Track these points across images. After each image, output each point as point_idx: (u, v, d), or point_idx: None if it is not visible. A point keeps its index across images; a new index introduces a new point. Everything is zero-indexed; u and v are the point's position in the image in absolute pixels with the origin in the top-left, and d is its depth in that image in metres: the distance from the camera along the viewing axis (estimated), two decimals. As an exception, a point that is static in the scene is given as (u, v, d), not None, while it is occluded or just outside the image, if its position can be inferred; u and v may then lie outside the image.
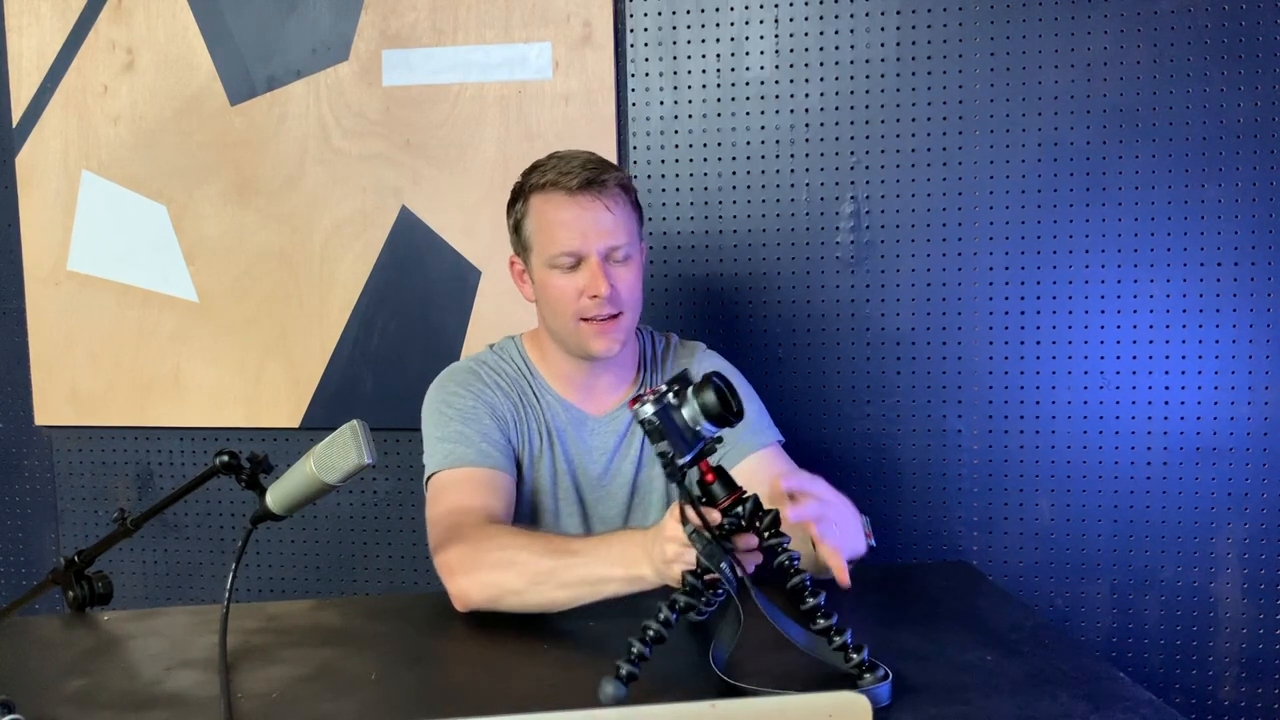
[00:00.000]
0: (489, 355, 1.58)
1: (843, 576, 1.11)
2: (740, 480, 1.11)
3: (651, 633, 1.05)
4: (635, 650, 1.03)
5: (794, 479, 1.18)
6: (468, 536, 1.33)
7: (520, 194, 1.50)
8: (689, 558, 1.11)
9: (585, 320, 1.45)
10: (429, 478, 1.48)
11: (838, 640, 1.04)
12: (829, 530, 1.14)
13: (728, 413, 1.06)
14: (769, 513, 1.08)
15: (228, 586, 1.25)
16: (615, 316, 1.45)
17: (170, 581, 2.26)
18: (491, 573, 1.28)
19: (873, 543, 1.26)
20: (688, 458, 1.07)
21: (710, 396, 1.06)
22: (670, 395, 1.07)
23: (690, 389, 1.07)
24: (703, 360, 1.61)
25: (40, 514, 2.29)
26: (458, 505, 1.40)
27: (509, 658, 1.21)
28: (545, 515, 1.54)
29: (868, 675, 1.03)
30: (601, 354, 1.47)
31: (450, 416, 1.48)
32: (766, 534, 1.08)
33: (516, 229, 1.51)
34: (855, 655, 1.03)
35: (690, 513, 1.07)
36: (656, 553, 1.15)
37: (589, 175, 1.44)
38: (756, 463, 1.49)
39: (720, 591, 1.14)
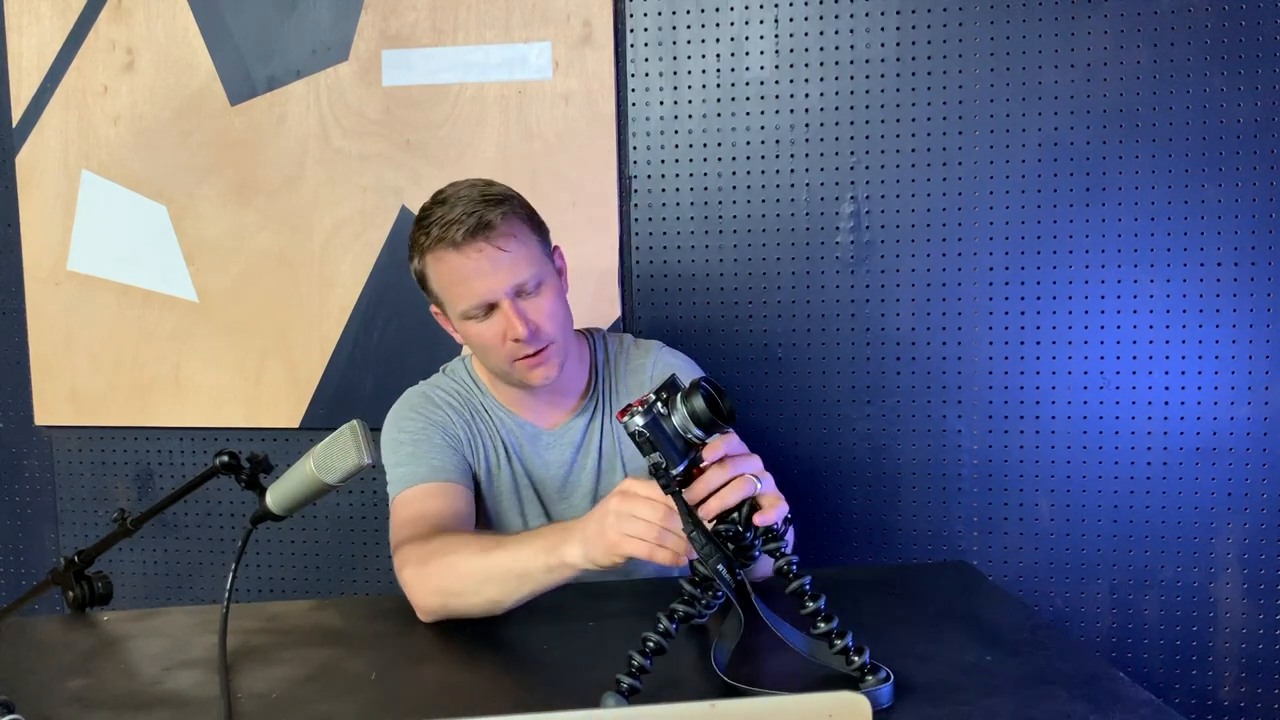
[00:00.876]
0: (440, 378, 1.59)
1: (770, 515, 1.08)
2: None
3: (651, 644, 1.05)
4: (636, 663, 1.03)
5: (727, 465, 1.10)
6: (415, 547, 1.32)
7: (414, 250, 1.46)
8: (636, 528, 1.08)
9: (517, 360, 1.43)
10: (391, 504, 1.48)
11: (839, 644, 1.04)
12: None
13: (718, 417, 1.05)
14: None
15: (228, 586, 1.25)
16: (544, 349, 1.43)
17: (170, 581, 2.26)
18: (433, 578, 1.27)
19: (789, 515, 1.19)
20: (681, 467, 1.06)
21: (699, 402, 1.04)
22: (659, 404, 1.06)
23: (679, 395, 1.06)
24: (659, 358, 1.59)
25: (40, 514, 2.29)
26: (412, 516, 1.40)
27: (509, 658, 1.21)
28: (514, 529, 1.54)
29: (869, 678, 1.02)
30: (540, 384, 1.46)
31: (401, 441, 1.49)
32: (762, 538, 1.08)
33: (422, 284, 1.49)
34: (857, 658, 1.03)
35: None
36: (592, 524, 1.12)
37: (471, 223, 1.37)
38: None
39: (719, 594, 1.14)
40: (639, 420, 1.05)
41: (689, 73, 2.00)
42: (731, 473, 1.07)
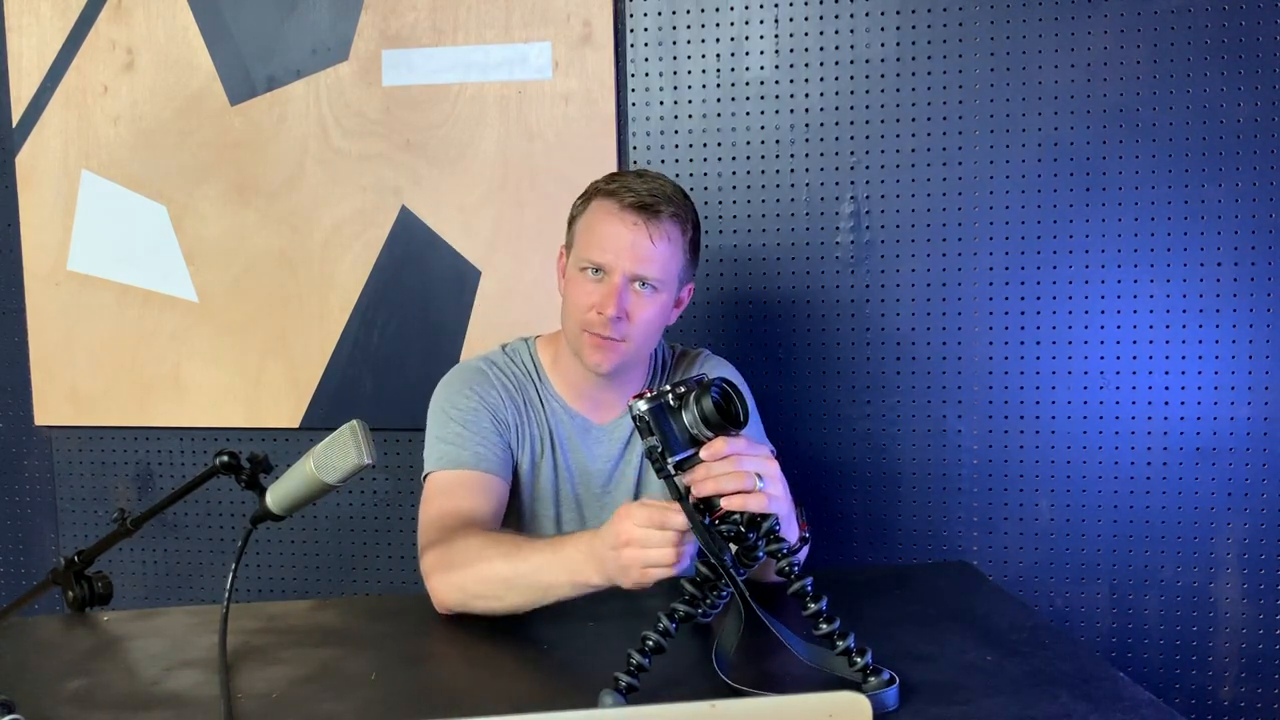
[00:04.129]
0: (499, 356, 1.58)
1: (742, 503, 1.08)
2: None
3: (651, 643, 1.05)
4: (634, 661, 1.03)
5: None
6: (446, 540, 1.33)
7: (590, 193, 1.51)
8: (651, 557, 1.09)
9: (586, 331, 1.44)
10: (425, 476, 1.48)
11: (841, 645, 1.04)
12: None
13: (727, 421, 1.06)
14: (766, 518, 1.08)
15: (228, 586, 1.25)
16: (616, 342, 1.44)
17: (170, 581, 2.26)
18: (457, 575, 1.28)
19: (806, 534, 1.23)
20: (677, 457, 1.07)
21: (709, 404, 1.06)
22: (670, 397, 1.07)
23: (694, 394, 1.07)
24: (704, 365, 1.60)
25: (40, 514, 2.29)
26: (446, 509, 1.41)
27: (509, 658, 1.21)
28: (546, 522, 1.54)
29: (872, 679, 1.02)
30: (591, 366, 1.46)
31: (451, 417, 1.49)
32: (765, 540, 1.08)
33: (571, 222, 1.52)
34: (859, 659, 1.03)
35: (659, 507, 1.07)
36: (610, 560, 1.13)
37: (646, 200, 1.43)
38: None
39: (722, 595, 1.14)
40: (643, 405, 1.06)
41: (689, 73, 2.00)
42: (735, 467, 1.07)
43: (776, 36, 1.97)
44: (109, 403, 2.22)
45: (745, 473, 1.07)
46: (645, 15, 2.00)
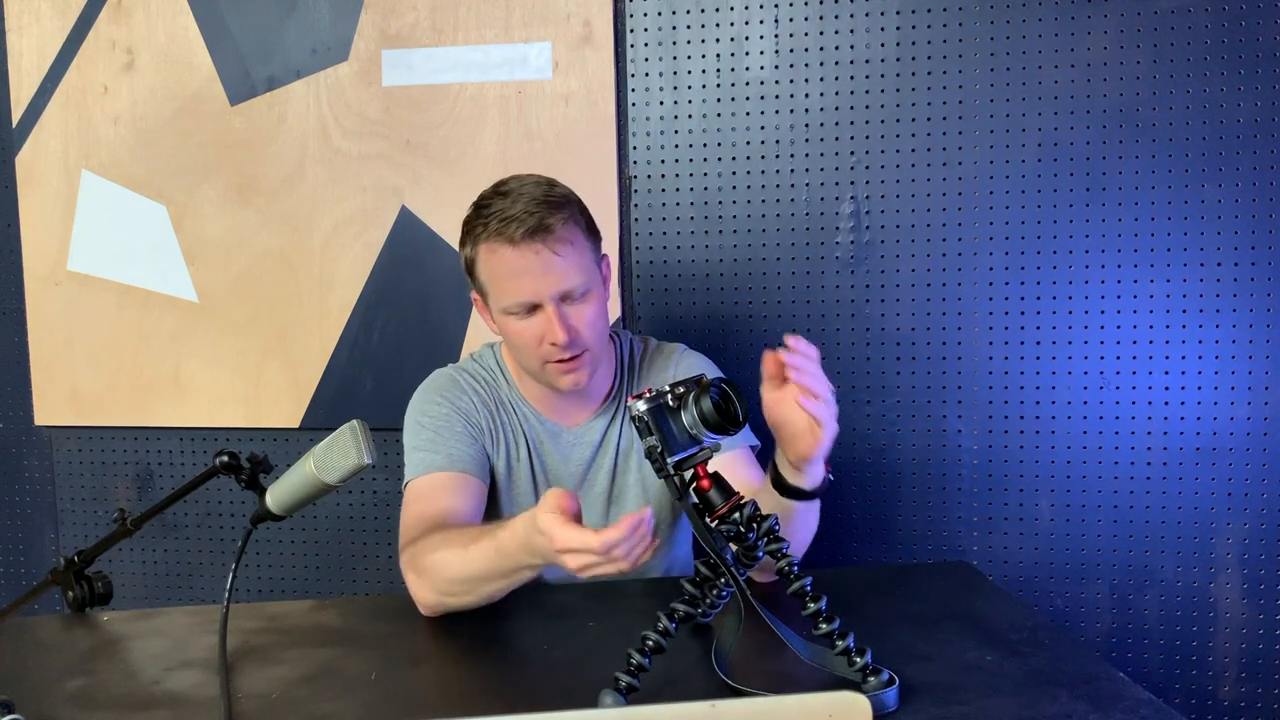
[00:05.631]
0: (468, 364, 1.59)
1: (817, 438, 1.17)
2: None
3: (651, 643, 1.05)
4: (634, 661, 1.03)
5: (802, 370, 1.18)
6: (414, 547, 1.33)
7: (468, 237, 1.46)
8: (587, 565, 1.07)
9: (549, 363, 1.43)
10: (404, 486, 1.49)
11: (840, 645, 1.04)
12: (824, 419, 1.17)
13: (726, 421, 1.06)
14: (766, 518, 1.08)
15: (228, 586, 1.25)
16: (578, 356, 1.43)
17: (170, 581, 2.26)
18: (428, 572, 1.29)
19: (830, 475, 1.27)
20: (677, 457, 1.07)
21: (708, 404, 1.06)
22: (669, 398, 1.07)
23: (693, 395, 1.07)
24: (681, 360, 1.59)
25: (40, 514, 2.29)
26: (422, 512, 1.41)
27: (508, 658, 1.21)
28: None
29: (872, 679, 1.02)
30: (568, 390, 1.46)
31: (424, 425, 1.49)
32: (764, 540, 1.08)
33: (469, 270, 1.48)
34: (859, 659, 1.03)
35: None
36: (552, 556, 1.11)
37: (533, 224, 1.37)
38: (723, 464, 1.47)
39: (722, 595, 1.14)
40: (642, 406, 1.06)
41: (689, 73, 2.00)
42: (819, 371, 1.15)
43: (776, 36, 1.97)
44: (109, 403, 2.22)
45: (827, 384, 1.15)
46: (645, 15, 2.00)
